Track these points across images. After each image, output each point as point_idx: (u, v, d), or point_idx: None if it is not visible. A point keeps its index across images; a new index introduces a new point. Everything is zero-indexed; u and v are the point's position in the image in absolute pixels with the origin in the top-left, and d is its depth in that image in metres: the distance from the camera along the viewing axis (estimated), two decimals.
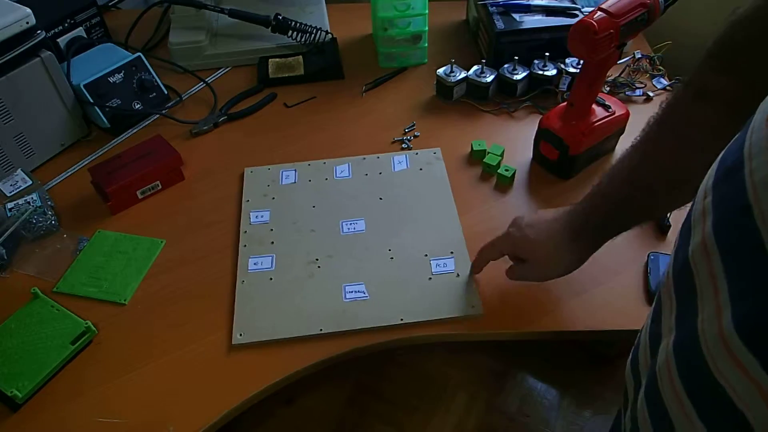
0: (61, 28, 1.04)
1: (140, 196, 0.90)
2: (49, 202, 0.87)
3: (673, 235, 0.80)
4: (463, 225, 0.83)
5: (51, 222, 0.85)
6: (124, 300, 0.77)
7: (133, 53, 1.03)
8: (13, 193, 0.88)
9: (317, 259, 0.80)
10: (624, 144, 0.92)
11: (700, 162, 0.41)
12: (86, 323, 0.72)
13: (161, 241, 0.84)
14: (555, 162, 0.87)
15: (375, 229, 0.83)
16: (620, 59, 0.94)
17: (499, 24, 1.01)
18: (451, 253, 0.79)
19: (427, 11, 1.05)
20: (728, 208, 0.34)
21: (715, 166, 0.38)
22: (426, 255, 0.79)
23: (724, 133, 0.39)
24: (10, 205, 0.85)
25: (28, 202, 0.85)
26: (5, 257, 0.81)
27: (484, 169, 0.91)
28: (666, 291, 0.43)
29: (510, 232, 0.70)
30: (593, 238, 0.64)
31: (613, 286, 0.75)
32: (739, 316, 0.31)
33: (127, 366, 0.71)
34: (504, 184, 0.89)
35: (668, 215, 0.80)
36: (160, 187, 0.91)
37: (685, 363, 0.37)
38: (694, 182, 0.41)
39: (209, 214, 0.88)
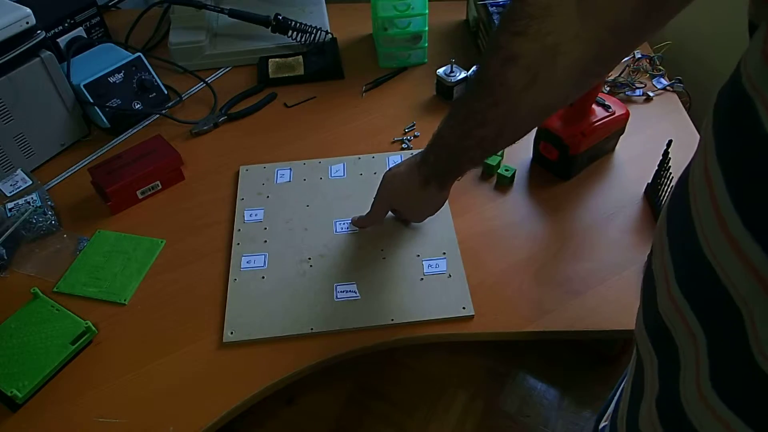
0: (61, 28, 1.04)
1: (140, 196, 0.90)
2: (49, 202, 0.87)
3: None
4: (463, 225, 0.83)
5: (51, 222, 0.85)
6: (124, 300, 0.77)
7: (133, 53, 1.03)
8: (13, 193, 0.88)
9: (310, 258, 0.80)
10: (624, 144, 0.92)
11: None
12: (86, 323, 0.72)
13: (161, 241, 0.84)
14: (555, 162, 0.87)
15: (368, 229, 0.83)
16: None
17: None
18: (444, 253, 0.79)
19: (427, 11, 1.05)
20: (689, 266, 0.35)
21: (665, 211, 0.39)
22: (418, 255, 0.79)
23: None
24: (10, 205, 0.85)
25: (28, 202, 0.85)
26: (5, 257, 0.81)
27: (483, 169, 0.91)
28: (643, 342, 0.42)
29: (379, 190, 0.77)
30: (443, 181, 0.70)
31: (613, 286, 0.75)
32: (718, 378, 0.32)
33: (127, 366, 0.71)
34: (504, 184, 0.89)
35: None
36: (160, 187, 0.91)
37: (668, 417, 0.37)
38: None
39: (209, 213, 0.88)
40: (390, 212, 0.81)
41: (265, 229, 0.84)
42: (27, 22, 0.87)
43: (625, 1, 0.42)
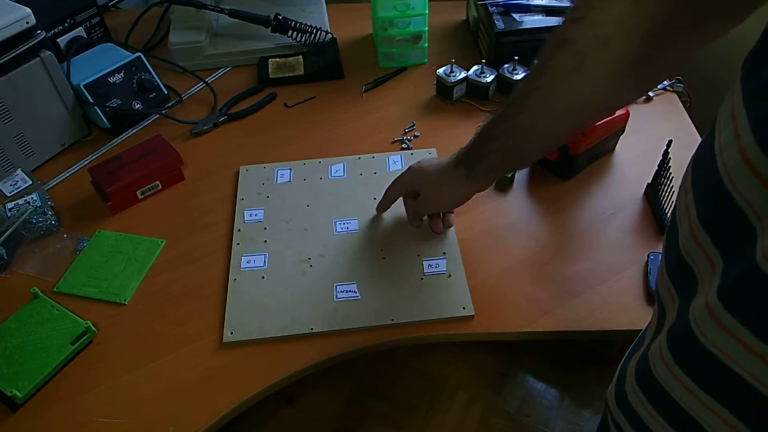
0: (61, 28, 1.04)
1: (140, 196, 0.90)
2: (49, 202, 0.87)
3: None
4: (462, 225, 0.83)
5: (51, 222, 0.85)
6: (124, 300, 0.77)
7: (133, 53, 1.03)
8: (13, 193, 0.88)
9: (310, 258, 0.80)
10: (624, 144, 0.92)
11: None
12: (86, 323, 0.72)
13: (161, 241, 0.84)
14: (555, 162, 0.87)
15: (368, 228, 0.83)
16: None
17: (499, 24, 1.01)
18: (444, 254, 0.79)
19: (427, 11, 1.05)
20: (711, 198, 0.38)
21: (690, 165, 0.42)
22: (418, 255, 0.79)
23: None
24: (10, 205, 0.85)
25: (28, 202, 0.85)
26: (5, 257, 0.81)
27: None
28: (665, 290, 0.45)
29: (409, 167, 0.77)
30: (470, 168, 0.69)
31: (613, 286, 0.75)
32: (723, 287, 0.35)
33: (127, 366, 0.71)
34: (504, 185, 0.89)
35: (667, 214, 0.80)
36: (160, 187, 0.91)
37: (675, 338, 0.41)
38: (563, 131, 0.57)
39: (209, 213, 0.88)
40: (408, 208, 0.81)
41: (265, 229, 0.84)
42: (27, 22, 0.87)
43: (676, 2, 0.44)
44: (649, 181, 0.85)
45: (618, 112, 0.86)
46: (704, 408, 0.39)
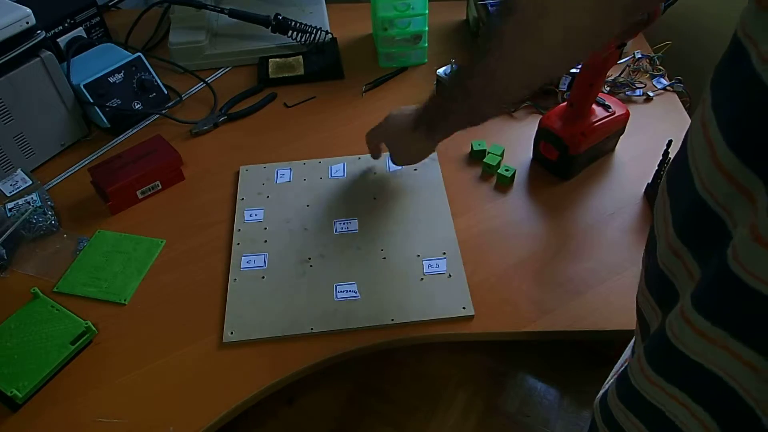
0: (61, 28, 1.04)
1: (140, 196, 0.90)
2: (49, 202, 0.87)
3: None
4: (462, 225, 0.83)
5: (51, 222, 0.85)
6: (124, 300, 0.77)
7: (133, 53, 1.03)
8: (13, 193, 0.88)
9: (310, 258, 0.80)
10: (624, 144, 0.92)
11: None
12: (86, 323, 0.72)
13: (161, 241, 0.84)
14: (555, 162, 0.87)
15: (368, 228, 0.83)
16: (620, 59, 0.94)
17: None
18: (444, 253, 0.79)
19: (427, 11, 1.05)
20: (687, 208, 0.39)
21: (665, 179, 0.43)
22: (418, 255, 0.79)
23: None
24: (10, 205, 0.85)
25: (28, 202, 0.85)
26: (5, 257, 0.81)
27: (484, 169, 0.91)
28: (647, 305, 0.46)
29: (379, 123, 0.82)
30: (430, 130, 0.72)
31: (613, 286, 0.75)
32: (696, 292, 0.35)
33: (127, 366, 0.71)
34: (504, 184, 0.89)
35: None
36: (160, 187, 0.91)
37: (653, 348, 0.41)
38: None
39: (209, 213, 0.88)
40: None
41: (265, 229, 0.84)
42: (27, 22, 0.87)
43: None
44: (649, 181, 0.85)
45: (618, 112, 0.86)
46: (679, 406, 0.40)
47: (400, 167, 0.90)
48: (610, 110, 0.85)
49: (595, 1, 0.44)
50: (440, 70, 1.01)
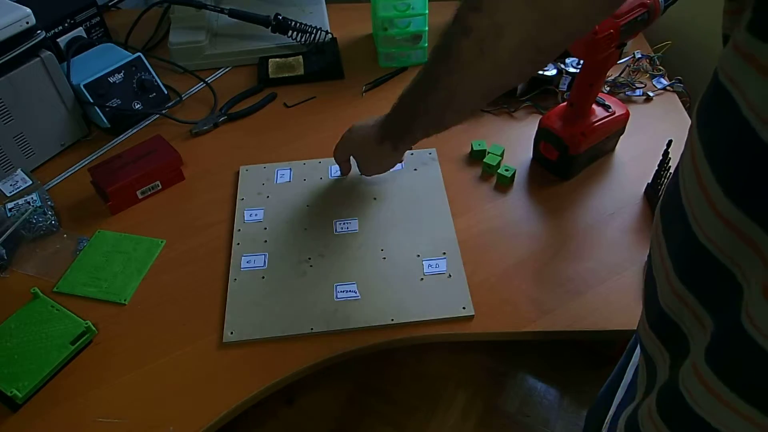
0: (61, 28, 1.04)
1: (140, 196, 0.90)
2: (49, 202, 0.87)
3: None
4: (462, 225, 0.83)
5: (51, 222, 0.85)
6: (124, 300, 0.77)
7: (133, 53, 1.03)
8: (13, 193, 0.88)
9: (310, 258, 0.80)
10: (624, 144, 0.92)
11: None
12: (86, 323, 0.72)
13: (161, 241, 0.84)
14: (555, 162, 0.87)
15: (368, 229, 0.83)
16: (620, 59, 0.94)
17: None
18: (444, 253, 0.79)
19: (427, 11, 1.05)
20: (688, 253, 0.37)
21: (658, 214, 0.42)
22: (418, 255, 0.79)
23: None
24: (10, 205, 0.85)
25: (28, 202, 0.85)
26: (5, 257, 0.81)
27: (484, 169, 0.91)
28: (652, 343, 0.44)
29: (343, 136, 0.83)
30: (396, 142, 0.74)
31: (613, 286, 0.75)
32: (709, 348, 0.34)
33: (127, 366, 0.71)
34: (504, 184, 0.89)
35: None
36: (160, 187, 0.91)
37: (664, 401, 0.39)
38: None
39: (209, 213, 0.88)
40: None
41: (265, 229, 0.84)
42: (27, 22, 0.87)
43: None
44: (649, 181, 0.85)
45: (618, 112, 0.86)
46: None
47: (400, 168, 0.90)
48: (610, 110, 0.85)
49: (541, 15, 0.46)
50: None
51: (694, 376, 0.35)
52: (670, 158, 0.80)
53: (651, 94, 1.01)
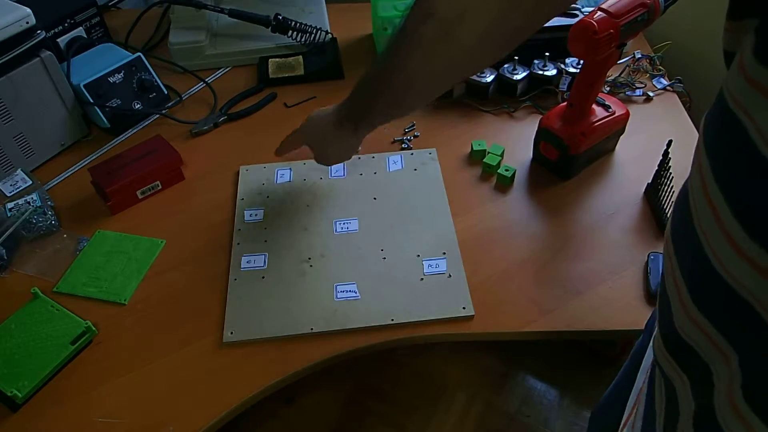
0: (61, 28, 1.04)
1: (140, 196, 0.90)
2: (49, 202, 0.87)
3: None
4: (462, 225, 0.83)
5: (51, 222, 0.85)
6: (124, 300, 0.77)
7: (133, 53, 1.03)
8: (13, 193, 0.88)
9: (310, 258, 0.80)
10: (624, 144, 0.92)
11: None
12: (86, 323, 0.72)
13: (161, 241, 0.84)
14: (555, 162, 0.87)
15: (368, 229, 0.83)
16: (620, 59, 0.94)
17: None
18: (444, 253, 0.79)
19: None
20: (704, 281, 0.35)
21: (669, 233, 0.40)
22: (418, 255, 0.79)
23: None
24: (10, 205, 0.85)
25: (28, 202, 0.85)
26: (5, 257, 0.81)
27: (484, 169, 0.91)
28: (668, 365, 0.42)
29: (300, 125, 0.80)
30: (357, 125, 0.71)
31: (613, 286, 0.75)
32: (747, 389, 0.32)
33: (127, 366, 0.71)
34: (504, 184, 0.89)
35: (667, 214, 0.80)
36: (160, 187, 0.91)
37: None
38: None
39: (209, 214, 0.88)
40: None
41: (265, 229, 0.84)
42: (27, 22, 0.87)
43: None
44: (649, 181, 0.85)
45: (618, 112, 0.86)
46: None
47: (400, 168, 0.90)
48: (610, 110, 0.85)
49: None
50: None
51: (734, 415, 0.33)
52: (670, 158, 0.80)
53: (651, 94, 1.01)
